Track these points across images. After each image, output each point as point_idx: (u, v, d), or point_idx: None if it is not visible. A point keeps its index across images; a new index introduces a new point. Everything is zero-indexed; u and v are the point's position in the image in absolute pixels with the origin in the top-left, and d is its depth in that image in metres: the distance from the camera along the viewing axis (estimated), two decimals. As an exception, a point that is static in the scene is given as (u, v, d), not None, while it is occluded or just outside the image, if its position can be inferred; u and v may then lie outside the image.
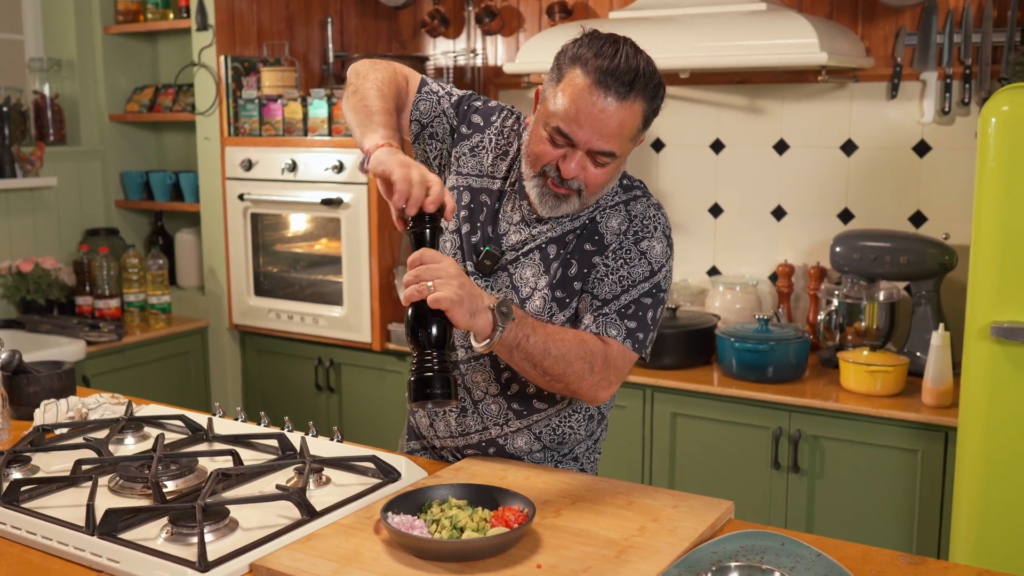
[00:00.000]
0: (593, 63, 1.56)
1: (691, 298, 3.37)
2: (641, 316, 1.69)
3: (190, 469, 1.66)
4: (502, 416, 1.77)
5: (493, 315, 1.52)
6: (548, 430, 1.79)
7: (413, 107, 1.80)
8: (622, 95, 1.55)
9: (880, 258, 2.84)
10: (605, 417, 1.89)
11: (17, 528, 1.47)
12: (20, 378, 2.09)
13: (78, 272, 3.69)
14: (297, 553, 1.38)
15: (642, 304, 1.69)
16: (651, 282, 1.70)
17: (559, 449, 1.83)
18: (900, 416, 2.56)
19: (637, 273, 1.69)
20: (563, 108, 1.58)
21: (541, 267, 1.72)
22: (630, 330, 1.67)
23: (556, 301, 1.71)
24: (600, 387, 1.66)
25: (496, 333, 1.51)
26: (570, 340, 1.61)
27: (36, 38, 3.93)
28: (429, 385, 1.44)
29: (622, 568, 1.34)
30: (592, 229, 1.73)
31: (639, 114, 1.58)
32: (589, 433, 1.86)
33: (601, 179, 1.63)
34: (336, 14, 3.97)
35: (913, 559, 1.42)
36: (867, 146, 3.09)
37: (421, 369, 1.45)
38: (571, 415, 1.81)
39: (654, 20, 2.97)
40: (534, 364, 1.59)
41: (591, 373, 1.63)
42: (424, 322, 1.47)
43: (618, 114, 1.55)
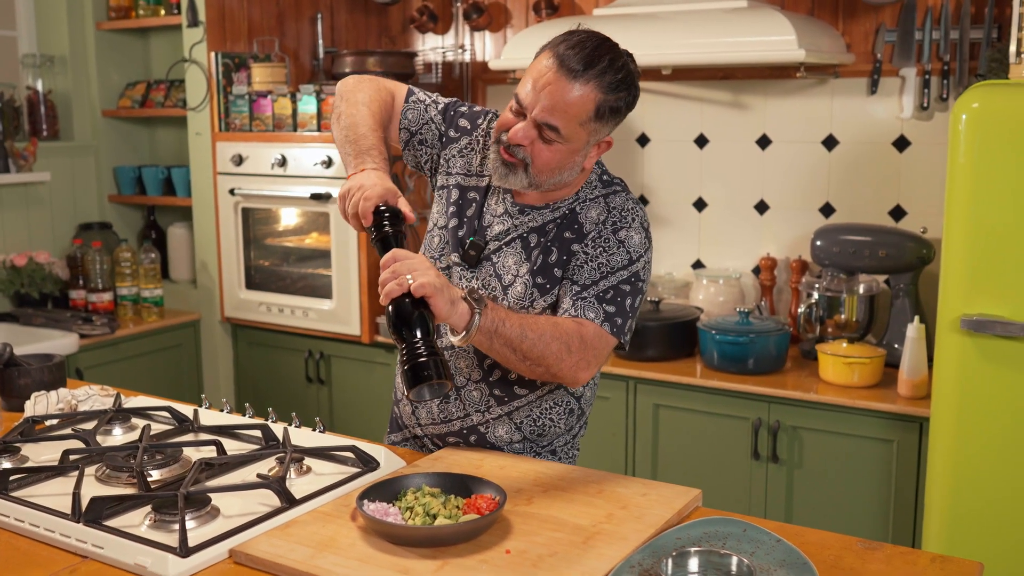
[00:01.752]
0: (560, 47, 1.67)
1: (675, 291, 3.42)
2: (620, 302, 1.74)
3: (175, 459, 1.71)
4: (484, 403, 1.82)
5: (468, 303, 1.58)
6: (529, 420, 1.84)
7: (401, 116, 1.89)
8: (572, 75, 1.63)
9: (859, 252, 2.89)
10: (584, 413, 1.94)
11: (6, 516, 1.52)
12: (11, 370, 2.14)
13: (71, 266, 3.73)
14: (275, 539, 1.43)
15: (620, 290, 1.74)
16: (629, 270, 1.75)
17: (538, 441, 1.88)
18: (876, 407, 2.61)
19: (616, 261, 1.75)
20: (524, 79, 1.69)
21: (523, 255, 1.78)
22: (608, 313, 1.72)
23: (537, 287, 1.77)
24: (579, 368, 1.70)
25: (475, 318, 1.57)
26: (543, 323, 1.67)
27: (29, 34, 3.97)
28: (423, 369, 1.47)
29: (588, 553, 1.39)
30: (572, 219, 1.79)
31: (590, 100, 1.65)
32: (568, 428, 1.91)
33: (546, 156, 1.69)
34: (326, 10, 4.01)
35: (870, 544, 1.47)
36: (848, 141, 3.14)
37: (413, 357, 1.48)
38: (552, 407, 1.86)
39: (637, 17, 3.01)
40: (513, 348, 1.64)
41: (569, 354, 1.68)
42: (406, 316, 1.51)
43: (566, 91, 1.63)
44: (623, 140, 3.53)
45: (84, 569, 1.38)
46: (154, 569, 1.34)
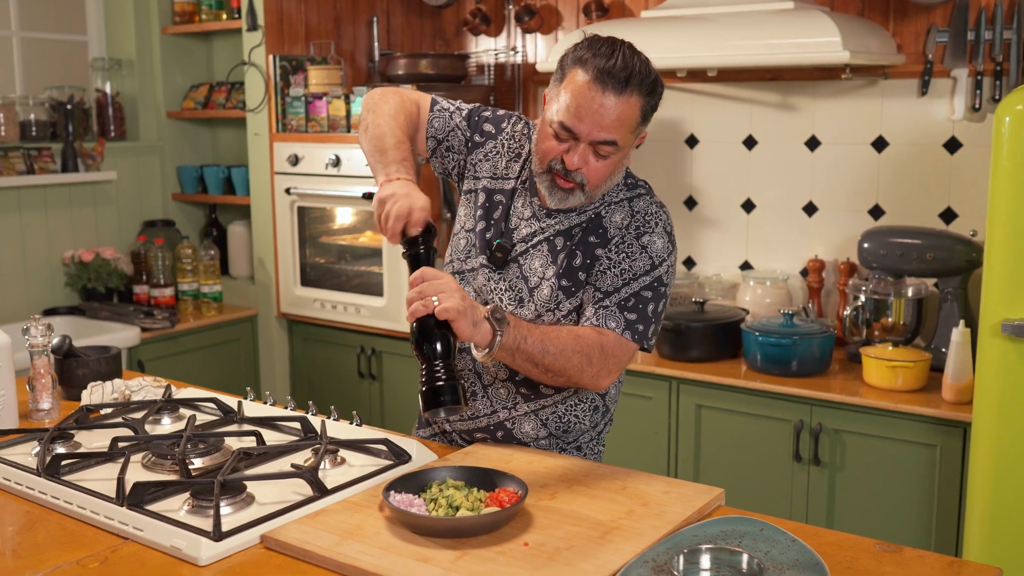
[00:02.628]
0: (592, 62, 1.67)
1: (723, 292, 3.42)
2: (641, 308, 1.77)
3: (216, 448, 1.79)
4: (511, 400, 1.87)
5: (490, 323, 1.63)
6: (554, 417, 1.89)
7: (428, 125, 1.93)
8: (619, 90, 1.66)
9: (907, 254, 2.87)
10: (610, 410, 1.98)
11: (56, 498, 1.61)
12: (70, 361, 2.25)
13: (135, 262, 3.88)
14: (304, 527, 1.49)
15: (642, 297, 1.78)
16: (652, 276, 1.79)
17: (564, 437, 1.92)
18: (919, 411, 2.59)
19: (638, 267, 1.78)
20: (565, 105, 1.69)
21: (549, 258, 1.82)
22: (629, 322, 1.76)
23: (562, 289, 1.81)
24: (601, 376, 1.75)
25: (496, 338, 1.63)
26: (565, 336, 1.71)
27: (99, 39, 4.12)
28: (440, 393, 1.54)
29: (604, 547, 1.42)
30: (596, 223, 1.83)
31: (636, 108, 1.69)
32: (593, 424, 1.95)
33: (602, 172, 1.73)
34: (382, 13, 4.09)
35: (889, 547, 1.48)
36: (898, 143, 3.11)
37: (431, 379, 1.54)
38: (577, 404, 1.89)
39: (683, 19, 3.02)
40: (535, 363, 1.70)
41: (590, 364, 1.72)
42: (430, 335, 1.57)
43: (616, 107, 1.66)
44: (672, 141, 3.54)
45: (124, 550, 1.46)
46: (188, 551, 1.41)
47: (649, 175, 3.61)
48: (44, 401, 2.10)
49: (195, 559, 1.40)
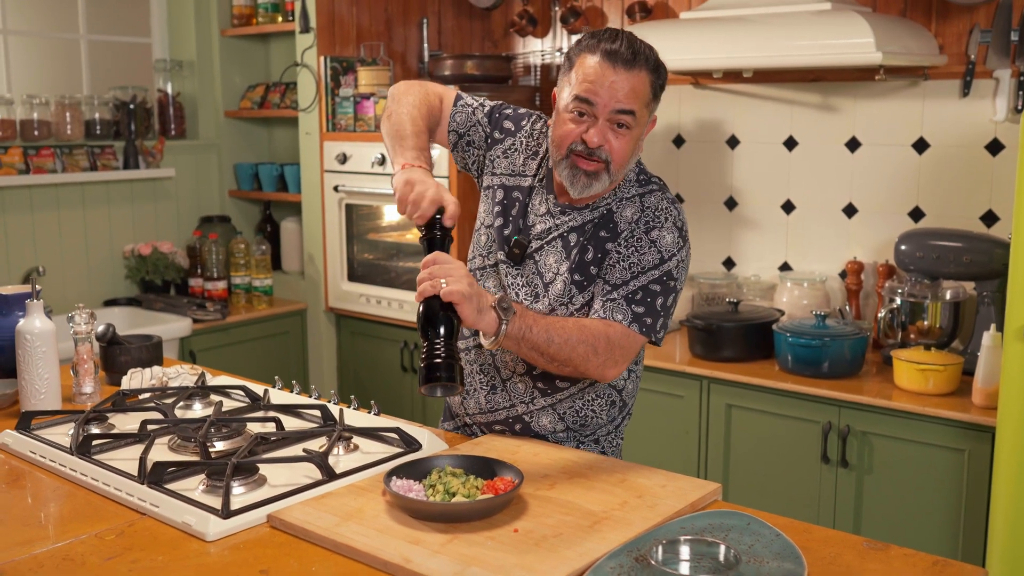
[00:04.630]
0: (599, 47, 1.76)
1: (761, 293, 3.42)
2: (649, 302, 1.81)
3: (238, 432, 1.88)
4: (528, 394, 1.92)
5: (496, 311, 1.68)
6: (572, 412, 1.93)
7: (450, 119, 1.99)
8: (628, 66, 1.73)
9: (944, 257, 2.84)
10: (627, 404, 2.01)
11: (84, 475, 1.72)
12: (113, 348, 2.37)
13: (191, 256, 4.03)
14: (309, 508, 1.56)
15: (650, 291, 1.81)
16: (661, 270, 1.82)
17: (581, 432, 1.96)
18: (947, 415, 2.57)
19: (647, 260, 1.82)
20: (579, 82, 1.75)
21: (563, 254, 1.87)
22: (636, 314, 1.80)
23: (575, 284, 1.85)
24: (607, 367, 1.79)
25: (502, 327, 1.68)
26: (570, 327, 1.75)
27: (162, 41, 4.29)
28: (436, 370, 1.58)
29: (590, 536, 1.47)
30: (608, 218, 1.87)
31: (647, 82, 1.76)
32: (611, 419, 1.99)
33: (624, 149, 1.77)
34: (433, 15, 4.18)
35: (876, 545, 1.49)
36: (939, 144, 3.08)
37: (431, 357, 1.59)
38: (594, 399, 1.94)
39: (721, 20, 3.03)
40: (541, 353, 1.74)
41: (595, 355, 1.76)
42: (434, 316, 1.62)
43: (629, 80, 1.73)
44: (714, 142, 3.55)
45: (140, 524, 1.55)
46: (197, 527, 1.50)
47: (690, 176, 3.63)
48: (86, 385, 2.22)
49: (203, 535, 1.49)
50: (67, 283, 3.83)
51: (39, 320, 2.10)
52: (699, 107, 3.56)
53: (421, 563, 1.37)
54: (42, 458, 1.82)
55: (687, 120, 3.61)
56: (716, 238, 3.60)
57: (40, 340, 2.09)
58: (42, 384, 2.09)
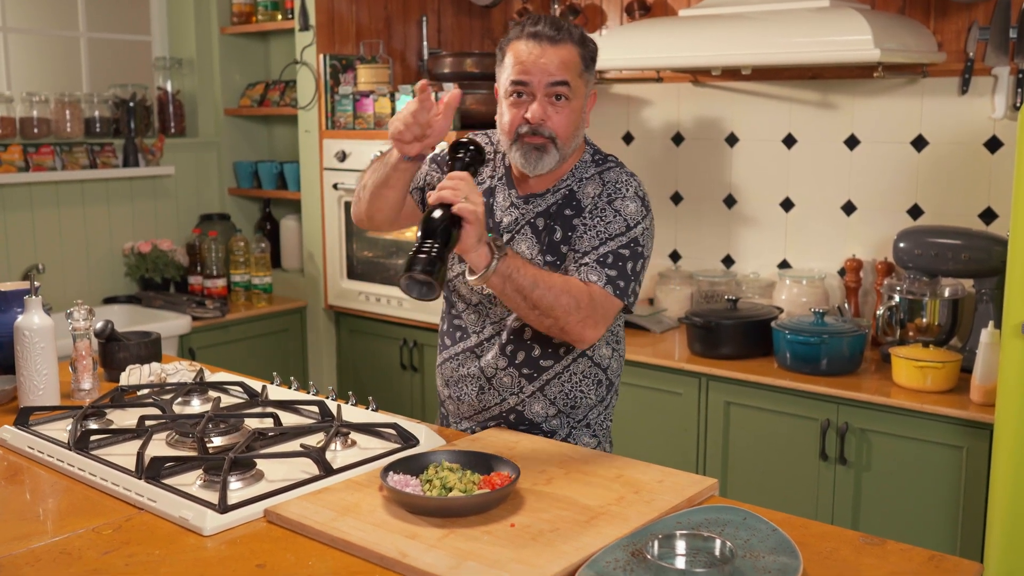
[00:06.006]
0: (524, 31, 1.89)
1: (760, 291, 3.42)
2: (620, 266, 1.87)
3: (236, 428, 1.88)
4: (516, 385, 1.98)
5: (491, 247, 1.73)
6: (561, 394, 1.99)
7: (410, 187, 2.07)
8: (553, 41, 1.85)
9: (942, 254, 2.84)
10: (614, 384, 2.07)
11: (82, 470, 1.72)
12: (112, 345, 2.37)
13: (191, 253, 4.03)
14: (306, 503, 1.57)
15: (620, 255, 1.87)
16: (628, 236, 1.89)
17: (573, 414, 2.01)
18: (945, 412, 2.57)
19: (613, 228, 1.89)
20: (511, 66, 1.88)
21: (533, 239, 1.95)
22: (610, 277, 1.85)
23: (548, 265, 1.92)
24: (587, 324, 1.82)
25: (493, 262, 1.72)
26: (557, 278, 1.81)
27: (161, 39, 4.29)
28: (418, 264, 1.63)
29: (587, 531, 1.47)
30: (571, 198, 1.96)
31: (575, 54, 1.87)
32: (600, 399, 2.04)
33: (564, 120, 1.87)
34: (432, 13, 4.18)
35: (873, 540, 1.50)
36: (938, 142, 3.08)
37: (419, 251, 1.64)
38: (581, 380, 1.99)
39: (720, 17, 3.04)
40: (524, 296, 1.77)
41: (578, 309, 1.80)
42: (440, 222, 1.66)
43: (557, 54, 1.85)
44: (712, 139, 3.56)
45: (138, 519, 1.55)
46: (194, 522, 1.50)
47: (689, 173, 3.63)
48: (85, 381, 2.22)
49: (200, 529, 1.49)
50: (67, 280, 3.83)
51: (38, 316, 2.11)
52: (698, 105, 3.56)
53: (417, 557, 1.38)
54: (40, 453, 1.82)
55: (686, 118, 3.61)
56: (715, 236, 3.60)
57: (39, 336, 2.09)
58: (40, 380, 2.10)
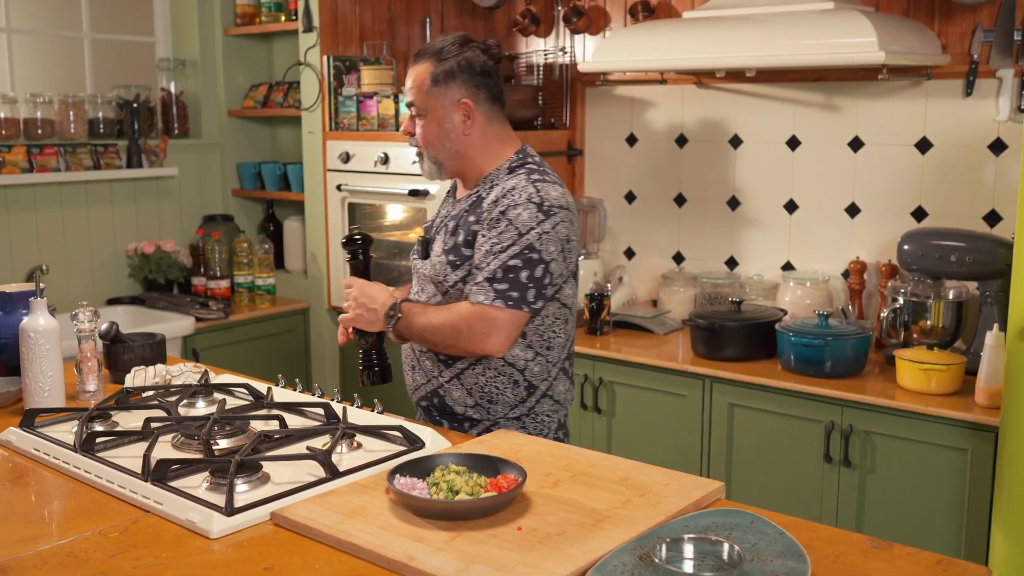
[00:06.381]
0: None
1: (764, 293, 3.42)
2: (512, 278, 1.97)
3: (241, 430, 1.88)
4: (436, 368, 2.13)
5: (384, 319, 2.06)
6: (477, 387, 2.09)
7: None
8: (413, 63, 2.11)
9: (946, 257, 2.84)
10: (537, 388, 2.11)
11: (88, 472, 1.72)
12: (117, 347, 2.37)
13: (194, 255, 4.03)
14: (312, 506, 1.56)
15: (511, 267, 1.97)
16: (520, 244, 1.97)
17: (491, 409, 2.10)
18: (949, 415, 2.57)
19: (505, 238, 1.98)
20: None
21: (443, 240, 2.11)
22: (499, 291, 1.97)
23: (449, 264, 2.07)
24: (481, 341, 1.98)
25: (389, 331, 2.08)
26: (443, 315, 2.01)
27: (165, 40, 4.30)
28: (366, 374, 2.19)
29: (594, 534, 1.47)
30: (477, 204, 2.08)
31: (425, 72, 2.07)
32: (520, 400, 2.10)
33: (422, 134, 2.10)
34: (436, 14, 4.18)
35: (880, 543, 1.49)
36: (942, 144, 3.08)
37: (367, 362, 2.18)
38: (496, 376, 2.08)
39: (724, 20, 3.03)
40: (424, 340, 2.06)
41: (460, 334, 1.99)
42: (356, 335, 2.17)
43: (411, 75, 2.10)
44: (716, 141, 3.55)
45: (145, 521, 1.55)
46: (201, 524, 1.50)
47: (693, 175, 3.63)
48: (90, 383, 2.22)
49: (207, 532, 1.49)
50: (70, 281, 3.83)
51: (43, 318, 2.11)
52: (702, 107, 3.57)
53: (425, 560, 1.37)
54: (46, 455, 1.82)
55: (690, 120, 3.61)
56: (719, 237, 3.60)
57: (44, 338, 2.09)
58: (46, 382, 2.10)
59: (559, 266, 2.00)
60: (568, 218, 2.02)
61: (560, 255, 2.00)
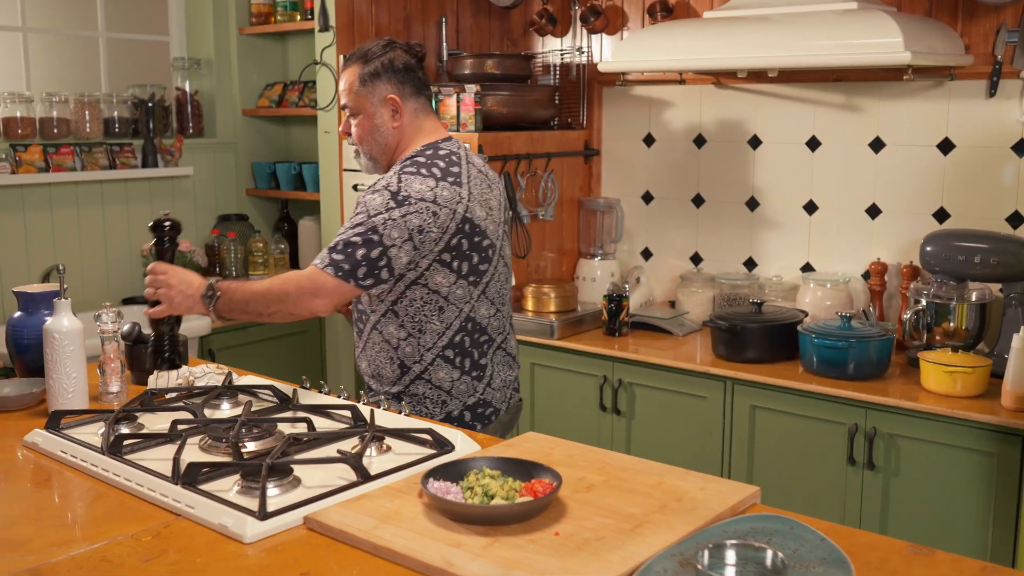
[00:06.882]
0: None
1: (783, 294, 3.40)
2: (349, 252, 2.09)
3: (269, 433, 1.87)
4: (357, 337, 2.32)
5: (203, 300, 2.15)
6: (369, 359, 2.27)
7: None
8: (345, 67, 2.28)
9: (969, 258, 2.82)
10: (410, 369, 2.22)
11: (117, 475, 1.71)
12: (139, 347, 2.36)
13: (210, 254, 4.02)
14: (345, 510, 1.55)
15: (351, 243, 2.10)
16: (365, 225, 2.10)
17: (381, 381, 2.27)
18: (976, 418, 2.55)
19: (356, 219, 2.13)
20: None
21: None
22: (334, 260, 2.10)
23: None
24: (306, 301, 2.12)
25: (211, 312, 2.17)
26: (268, 282, 2.16)
27: (180, 39, 4.28)
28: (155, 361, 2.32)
29: (632, 540, 1.45)
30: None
31: (354, 75, 2.24)
32: (397, 376, 2.23)
33: (358, 132, 2.27)
34: (452, 14, 4.16)
35: (922, 550, 1.48)
36: (965, 145, 3.06)
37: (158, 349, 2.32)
38: (378, 352, 2.25)
39: (745, 20, 3.02)
40: (247, 311, 2.17)
41: (297, 293, 2.11)
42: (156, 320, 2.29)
43: (343, 79, 2.27)
44: (735, 142, 3.54)
45: (176, 525, 1.54)
46: (235, 529, 1.49)
47: (711, 176, 3.61)
48: (113, 384, 2.20)
49: (240, 536, 1.47)
50: (86, 281, 3.82)
51: (67, 319, 2.09)
52: (720, 107, 3.55)
53: (464, 567, 1.36)
54: (73, 458, 1.81)
55: (708, 120, 3.59)
56: (737, 238, 3.58)
57: (68, 339, 2.08)
58: (70, 383, 2.08)
59: (402, 253, 2.11)
60: (427, 209, 2.10)
61: (406, 243, 2.10)
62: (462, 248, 2.16)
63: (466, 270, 2.18)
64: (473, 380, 2.26)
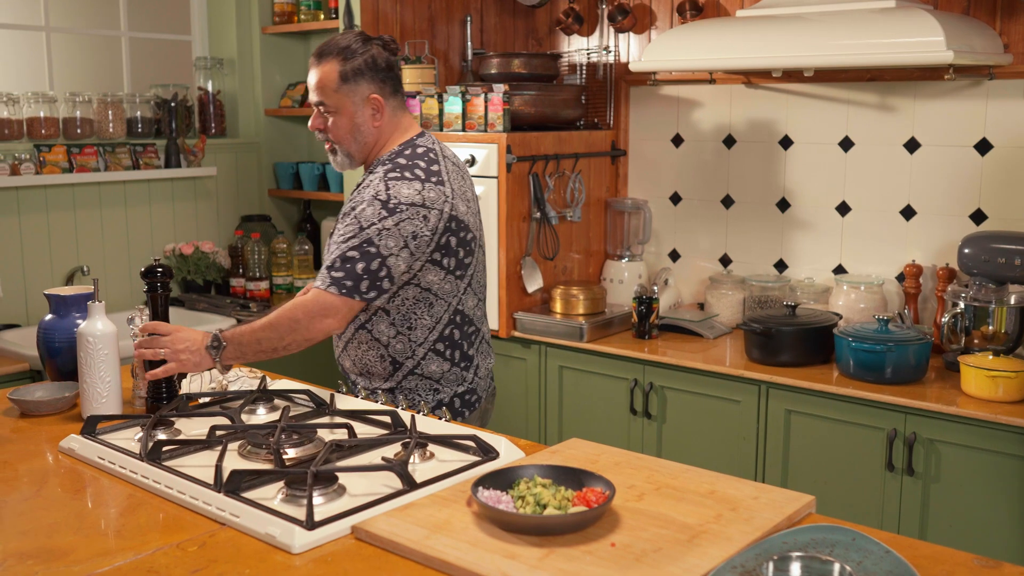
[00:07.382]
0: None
1: (815, 296, 3.35)
2: (349, 268, 2.07)
3: (309, 439, 1.83)
4: (334, 339, 2.32)
5: (209, 352, 2.06)
6: (355, 357, 2.25)
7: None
8: (317, 62, 2.18)
9: (1009, 261, 2.77)
10: (402, 365, 2.21)
11: (157, 483, 1.67)
12: (171, 351, 2.32)
13: (233, 255, 3.99)
14: (394, 519, 1.51)
15: (348, 258, 2.07)
16: (359, 238, 2.07)
17: (370, 378, 2.25)
18: (1019, 423, 2.50)
19: (348, 231, 2.10)
20: None
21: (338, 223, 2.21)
22: (335, 279, 2.07)
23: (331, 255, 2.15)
24: (316, 325, 2.09)
25: (217, 364, 2.08)
26: (271, 321, 2.09)
27: (202, 39, 4.26)
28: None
29: (691, 551, 1.42)
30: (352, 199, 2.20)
31: (333, 72, 2.15)
32: (388, 373, 2.22)
33: (334, 129, 2.20)
34: (476, 13, 4.12)
35: (988, 563, 1.43)
36: (1003, 145, 3.01)
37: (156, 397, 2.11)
38: (367, 350, 2.23)
39: (780, 18, 2.97)
40: (260, 349, 2.10)
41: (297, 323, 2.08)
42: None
43: (316, 75, 2.18)
44: (766, 142, 3.49)
45: (221, 535, 1.51)
46: (282, 539, 1.45)
47: (741, 176, 3.57)
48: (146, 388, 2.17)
49: (288, 547, 1.44)
50: (109, 282, 3.79)
51: (101, 322, 2.06)
52: (750, 107, 3.50)
53: (522, 579, 1.32)
54: (111, 464, 1.78)
55: (738, 120, 3.54)
56: (767, 240, 3.53)
57: (102, 343, 2.05)
58: (104, 387, 2.06)
59: (400, 261, 2.10)
60: (418, 214, 2.09)
61: (402, 251, 2.09)
62: (451, 245, 2.17)
63: (453, 265, 2.19)
64: (462, 370, 2.28)
